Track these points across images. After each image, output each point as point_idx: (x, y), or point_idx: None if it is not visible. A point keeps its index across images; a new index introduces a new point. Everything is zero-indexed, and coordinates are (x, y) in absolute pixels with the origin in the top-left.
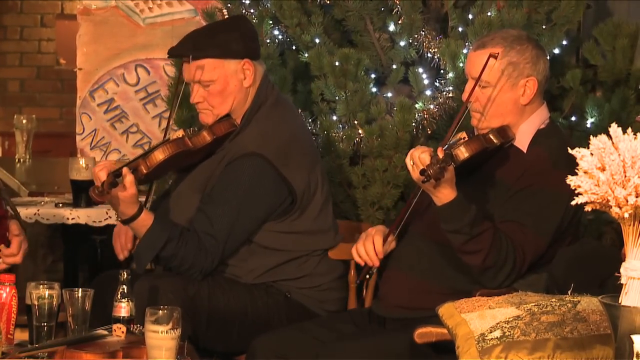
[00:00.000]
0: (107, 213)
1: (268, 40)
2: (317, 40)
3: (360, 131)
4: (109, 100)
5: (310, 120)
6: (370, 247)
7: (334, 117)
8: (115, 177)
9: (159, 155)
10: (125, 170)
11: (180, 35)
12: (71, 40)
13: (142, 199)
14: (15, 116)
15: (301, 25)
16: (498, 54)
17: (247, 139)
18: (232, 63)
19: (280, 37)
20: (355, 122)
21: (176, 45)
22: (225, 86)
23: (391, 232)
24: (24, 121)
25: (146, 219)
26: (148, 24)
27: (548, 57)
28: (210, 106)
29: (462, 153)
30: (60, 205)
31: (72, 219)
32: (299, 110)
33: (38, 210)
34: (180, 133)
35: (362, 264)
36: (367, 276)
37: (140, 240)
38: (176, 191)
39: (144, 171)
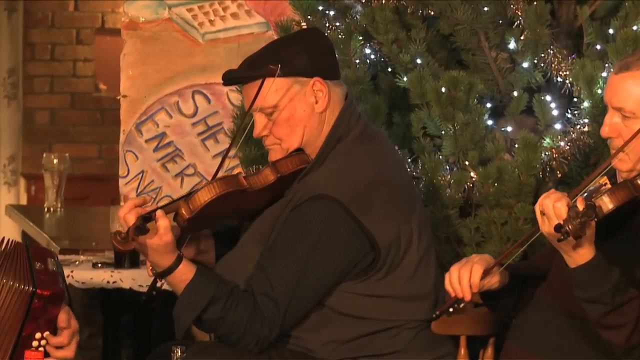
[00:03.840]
0: None
1: (357, 61)
2: (419, 61)
3: (472, 174)
4: (160, 135)
5: (409, 160)
6: (465, 275)
7: (440, 157)
8: (145, 221)
9: (204, 196)
10: (159, 213)
11: (249, 55)
12: (113, 60)
13: None
14: (44, 155)
15: (399, 42)
16: None
17: (318, 179)
18: (298, 83)
19: (372, 56)
20: (466, 162)
21: (231, 69)
22: (292, 112)
23: (496, 265)
24: (55, 161)
25: (185, 272)
26: (208, 40)
27: None
28: (277, 139)
29: (607, 204)
30: (99, 265)
31: (114, 282)
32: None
33: (72, 272)
34: (237, 171)
35: (452, 294)
36: (451, 309)
37: (179, 299)
38: (240, 242)
39: (186, 215)
